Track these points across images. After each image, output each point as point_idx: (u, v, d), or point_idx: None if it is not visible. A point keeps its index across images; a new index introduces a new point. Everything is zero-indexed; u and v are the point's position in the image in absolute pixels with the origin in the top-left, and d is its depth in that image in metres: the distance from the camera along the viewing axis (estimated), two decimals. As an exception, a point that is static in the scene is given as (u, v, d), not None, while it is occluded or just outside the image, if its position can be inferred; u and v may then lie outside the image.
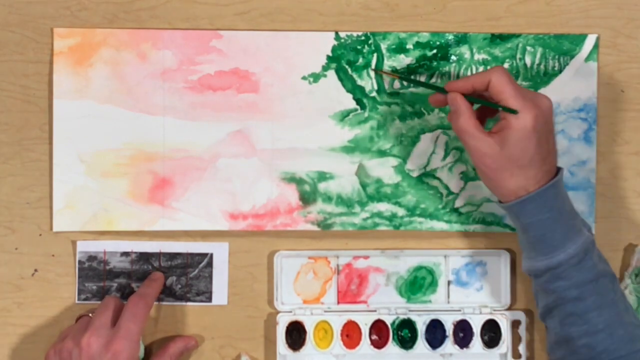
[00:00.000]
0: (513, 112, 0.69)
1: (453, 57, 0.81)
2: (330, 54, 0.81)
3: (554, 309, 0.72)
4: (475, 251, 0.82)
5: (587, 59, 0.81)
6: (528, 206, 0.70)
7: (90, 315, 0.76)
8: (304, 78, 0.81)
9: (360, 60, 0.81)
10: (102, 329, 0.73)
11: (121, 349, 0.72)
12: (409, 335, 0.81)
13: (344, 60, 0.81)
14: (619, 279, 0.81)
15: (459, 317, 0.81)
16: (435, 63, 0.81)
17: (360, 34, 0.81)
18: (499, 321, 0.80)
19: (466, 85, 0.72)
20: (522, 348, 0.81)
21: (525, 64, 0.81)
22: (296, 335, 0.80)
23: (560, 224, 0.71)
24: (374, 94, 0.81)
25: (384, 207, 0.81)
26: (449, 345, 0.80)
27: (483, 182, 0.74)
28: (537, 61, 0.81)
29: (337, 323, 0.81)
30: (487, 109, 0.74)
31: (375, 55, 0.81)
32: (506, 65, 0.81)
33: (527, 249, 0.73)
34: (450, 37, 0.81)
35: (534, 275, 0.73)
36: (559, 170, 0.72)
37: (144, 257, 0.81)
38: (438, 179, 0.81)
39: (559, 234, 0.71)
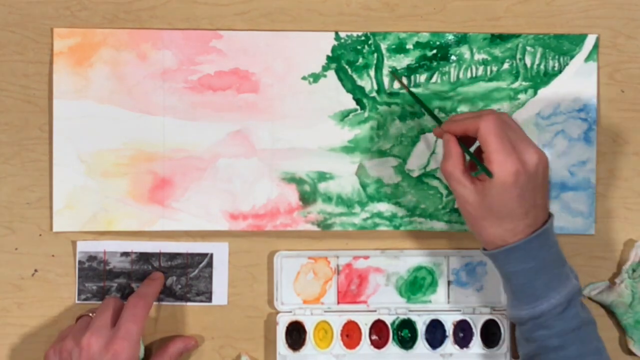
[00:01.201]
0: (488, 174, 0.68)
1: (453, 57, 0.81)
2: (330, 54, 0.81)
3: (535, 357, 0.71)
4: (475, 251, 0.81)
5: (587, 59, 0.81)
6: (510, 256, 0.70)
7: (90, 315, 0.76)
8: (304, 78, 0.81)
9: (360, 60, 0.81)
10: (102, 329, 0.73)
11: (121, 349, 0.72)
12: (409, 335, 0.81)
13: (344, 60, 0.81)
14: (615, 274, 0.81)
15: (459, 317, 0.81)
16: (435, 63, 0.81)
17: (360, 34, 0.81)
18: (499, 321, 0.80)
19: (458, 128, 0.71)
20: (522, 348, 0.81)
21: (525, 64, 0.81)
22: (296, 335, 0.80)
23: (543, 274, 0.70)
24: (374, 94, 0.81)
25: (384, 207, 0.81)
26: (449, 345, 0.80)
27: (467, 225, 0.73)
28: (537, 61, 0.81)
29: (337, 323, 0.81)
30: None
31: (375, 55, 0.81)
32: (506, 66, 0.81)
33: (510, 297, 0.73)
34: (450, 37, 0.81)
35: (517, 322, 0.72)
36: (549, 217, 0.71)
37: (144, 257, 0.81)
38: (438, 179, 0.81)
39: (542, 283, 0.70)
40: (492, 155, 0.68)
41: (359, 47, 0.81)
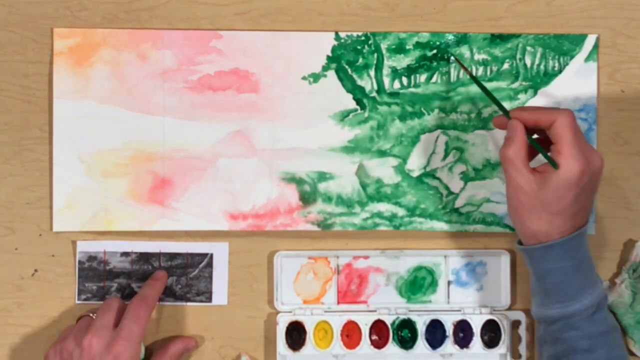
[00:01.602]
0: (554, 166, 0.68)
1: (453, 58, 0.81)
2: (330, 54, 0.81)
3: (562, 358, 0.71)
4: (475, 251, 0.81)
5: (587, 59, 0.81)
6: (549, 253, 0.70)
7: (91, 315, 0.76)
8: (304, 78, 0.81)
9: (360, 60, 0.81)
10: (103, 330, 0.73)
11: (122, 350, 0.72)
12: (409, 335, 0.81)
13: (344, 60, 0.81)
14: (615, 274, 0.81)
15: (459, 317, 0.81)
16: (435, 63, 0.81)
17: (360, 34, 0.81)
18: (499, 321, 0.80)
19: (531, 117, 0.71)
20: (522, 348, 0.81)
21: (525, 64, 0.81)
22: (296, 335, 0.80)
23: (579, 274, 0.70)
24: (374, 94, 0.81)
25: (384, 207, 0.81)
26: (449, 346, 0.80)
27: (509, 214, 0.73)
28: (537, 61, 0.81)
29: (337, 323, 0.81)
30: (542, 144, 0.72)
31: (375, 55, 0.81)
32: (506, 66, 0.81)
33: (540, 295, 0.72)
34: (450, 37, 0.81)
35: (544, 322, 0.72)
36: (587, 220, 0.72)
37: (144, 257, 0.81)
38: (438, 179, 0.81)
39: (577, 283, 0.70)
40: (564, 147, 0.68)
41: (359, 47, 0.81)
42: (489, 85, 0.81)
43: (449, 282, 0.82)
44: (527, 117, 0.71)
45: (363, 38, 0.81)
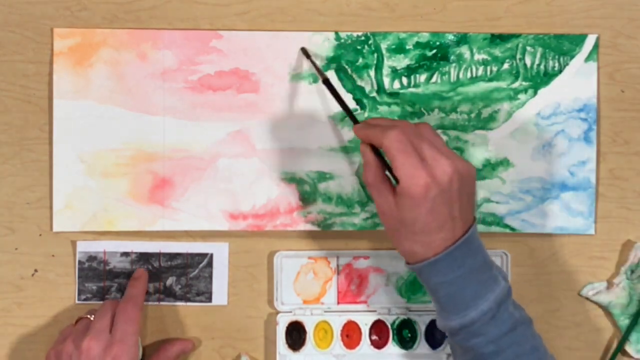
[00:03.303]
0: (394, 182, 0.67)
1: (453, 57, 0.81)
2: (330, 54, 0.81)
3: None
4: (475, 251, 0.81)
5: (587, 59, 0.81)
6: (432, 268, 0.67)
7: (89, 317, 0.76)
8: (304, 78, 0.81)
9: (360, 60, 0.81)
10: (102, 333, 0.73)
11: (121, 352, 0.72)
12: (409, 335, 0.81)
13: (344, 60, 0.81)
14: (613, 274, 0.81)
15: (459, 317, 0.81)
16: (435, 63, 0.81)
17: (360, 34, 0.81)
18: (499, 321, 0.80)
19: (366, 137, 0.69)
20: (522, 348, 0.81)
21: (525, 64, 0.81)
22: (296, 335, 0.80)
23: (470, 282, 0.67)
24: (374, 94, 0.81)
25: (384, 207, 0.81)
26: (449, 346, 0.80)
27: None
28: (537, 61, 0.81)
29: (337, 323, 0.81)
30: None
31: (375, 55, 0.81)
32: (506, 66, 0.81)
33: (438, 308, 0.70)
34: (450, 37, 0.81)
35: (449, 333, 0.70)
36: (472, 222, 0.68)
37: (144, 257, 0.81)
38: (438, 179, 0.81)
39: (470, 291, 0.67)
40: (398, 170, 0.65)
41: (359, 47, 0.81)
42: (489, 86, 0.81)
43: (449, 282, 0.82)
44: (362, 136, 0.69)
45: (363, 38, 0.81)
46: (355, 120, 0.72)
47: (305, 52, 0.74)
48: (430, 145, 0.66)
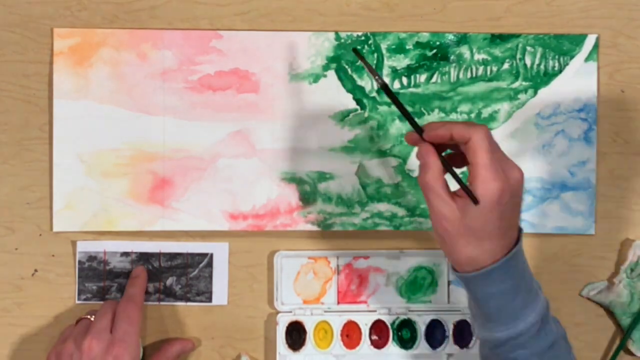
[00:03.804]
0: (474, 201, 0.63)
1: (453, 57, 0.81)
2: (330, 54, 0.81)
3: None
4: (475, 251, 0.81)
5: (587, 59, 0.81)
6: (490, 277, 0.66)
7: (89, 317, 0.76)
8: (304, 78, 0.81)
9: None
10: (102, 332, 0.73)
11: (122, 352, 0.72)
12: (409, 335, 0.81)
13: (344, 60, 0.81)
14: (614, 274, 0.81)
15: (458, 317, 0.81)
16: (435, 63, 0.81)
17: (360, 34, 0.81)
18: (499, 321, 0.80)
19: (446, 133, 0.65)
20: (522, 348, 0.81)
21: (525, 64, 0.81)
22: (296, 335, 0.80)
23: (520, 291, 0.66)
24: (374, 94, 0.81)
25: (384, 207, 0.81)
26: (449, 345, 0.80)
27: (437, 241, 0.68)
28: (537, 61, 0.81)
29: (337, 323, 0.81)
30: (458, 155, 0.68)
31: (375, 55, 0.81)
32: (506, 66, 0.81)
33: (483, 319, 0.68)
34: (450, 37, 0.81)
35: (490, 344, 0.68)
36: (519, 234, 0.68)
37: (144, 257, 0.81)
38: (438, 179, 0.81)
39: (520, 302, 0.66)
40: (481, 169, 0.63)
41: (359, 47, 0.81)
42: (489, 85, 0.81)
43: (449, 282, 0.82)
44: (441, 133, 0.65)
45: (363, 38, 0.81)
46: (415, 126, 0.67)
47: (357, 53, 0.69)
48: (498, 149, 0.66)
